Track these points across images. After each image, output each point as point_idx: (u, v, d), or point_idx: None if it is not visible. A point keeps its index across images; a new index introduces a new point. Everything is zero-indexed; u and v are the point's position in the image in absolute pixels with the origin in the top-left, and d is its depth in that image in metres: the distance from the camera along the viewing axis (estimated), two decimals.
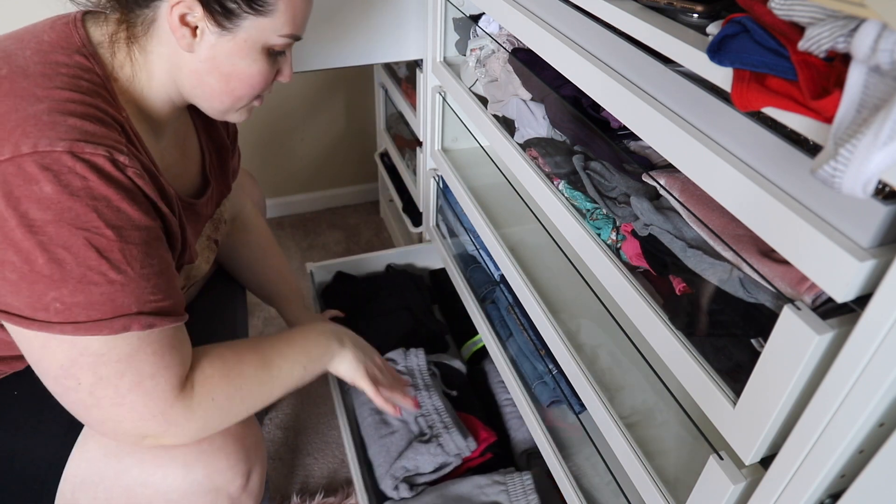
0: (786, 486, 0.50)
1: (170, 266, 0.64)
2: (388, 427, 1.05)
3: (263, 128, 1.76)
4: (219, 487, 0.70)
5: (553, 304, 0.92)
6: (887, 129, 0.32)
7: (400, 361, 1.12)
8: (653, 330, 0.64)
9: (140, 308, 0.59)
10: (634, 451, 0.71)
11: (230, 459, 0.70)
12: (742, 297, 0.57)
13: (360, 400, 1.11)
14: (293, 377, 0.76)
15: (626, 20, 0.60)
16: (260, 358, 0.73)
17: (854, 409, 0.42)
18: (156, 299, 0.61)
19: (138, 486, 0.68)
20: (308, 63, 1.18)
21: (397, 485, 0.98)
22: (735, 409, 0.53)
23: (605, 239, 0.75)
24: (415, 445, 1.01)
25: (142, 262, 0.59)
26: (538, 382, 1.01)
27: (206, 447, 0.69)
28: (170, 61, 0.66)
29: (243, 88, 0.69)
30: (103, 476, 0.68)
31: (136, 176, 0.60)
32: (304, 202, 1.95)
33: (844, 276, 0.41)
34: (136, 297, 0.59)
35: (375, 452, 1.03)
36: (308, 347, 0.79)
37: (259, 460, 0.75)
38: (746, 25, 0.45)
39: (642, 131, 0.61)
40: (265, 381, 0.73)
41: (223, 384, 0.68)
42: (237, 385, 0.70)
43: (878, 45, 0.34)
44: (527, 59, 0.93)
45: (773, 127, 0.47)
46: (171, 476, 0.68)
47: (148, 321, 0.60)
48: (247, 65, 0.67)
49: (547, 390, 0.99)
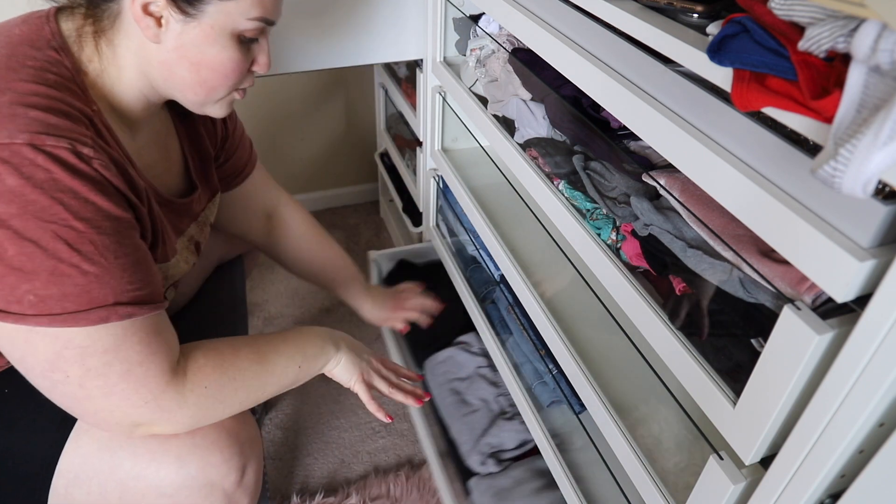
0: (786, 486, 0.50)
1: (146, 255, 0.64)
2: (469, 406, 1.08)
3: (264, 128, 1.76)
4: (213, 482, 0.70)
5: (553, 305, 0.92)
6: (887, 129, 0.32)
7: (475, 344, 1.12)
8: (653, 330, 0.64)
9: (117, 298, 0.59)
10: (634, 451, 0.71)
11: (224, 454, 0.70)
12: (742, 297, 0.57)
13: (436, 381, 1.12)
14: (288, 375, 0.76)
15: (626, 20, 0.60)
16: (255, 352, 0.73)
17: (854, 410, 0.42)
18: (133, 288, 0.60)
19: (132, 480, 0.68)
20: (308, 63, 1.18)
21: (484, 460, 1.02)
22: (735, 409, 0.53)
23: (605, 239, 0.75)
24: (499, 423, 1.04)
25: (115, 253, 0.59)
26: (538, 382, 1.01)
27: (199, 441, 0.69)
28: (138, 55, 0.65)
29: (216, 78, 0.68)
30: (97, 470, 0.68)
31: (103, 167, 0.59)
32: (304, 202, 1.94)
33: (844, 276, 0.41)
34: (113, 287, 0.59)
35: (458, 430, 1.06)
36: (304, 347, 0.79)
37: (254, 456, 0.75)
38: (746, 25, 0.45)
39: (642, 131, 0.61)
40: (260, 374, 0.72)
41: (217, 374, 0.68)
42: (231, 376, 0.69)
43: (878, 45, 0.34)
44: (527, 59, 0.93)
45: (773, 127, 0.47)
46: (164, 469, 0.68)
47: (127, 311, 0.60)
48: (216, 52, 0.65)
49: (547, 390, 1.00)
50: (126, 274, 0.60)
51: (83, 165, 0.57)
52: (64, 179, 0.56)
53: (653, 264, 0.69)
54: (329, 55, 1.19)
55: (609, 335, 0.86)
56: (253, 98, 1.68)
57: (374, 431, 1.31)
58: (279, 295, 1.65)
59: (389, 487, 1.19)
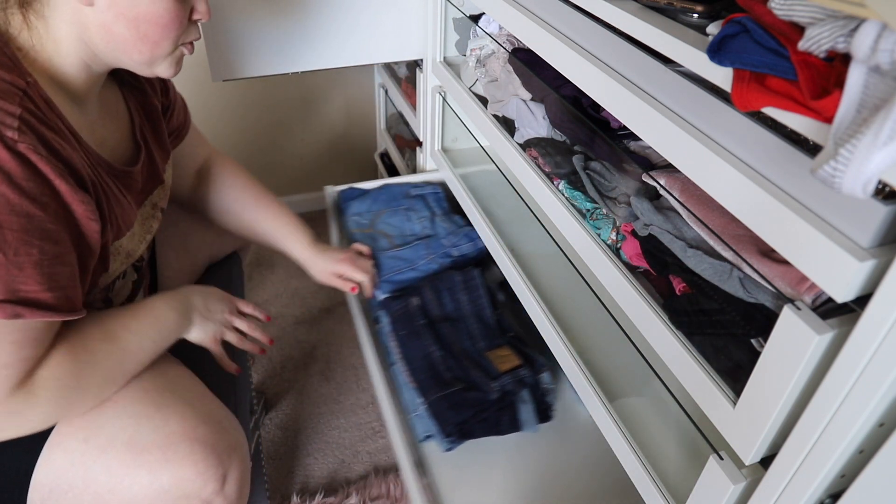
0: (786, 486, 0.50)
1: (59, 258, 0.61)
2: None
3: (264, 128, 1.76)
4: (189, 494, 0.69)
5: (553, 305, 0.92)
6: (887, 129, 0.32)
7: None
8: (653, 330, 0.64)
9: (6, 296, 0.57)
10: (634, 451, 0.71)
11: (198, 466, 0.69)
12: (742, 297, 0.57)
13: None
14: (144, 349, 0.73)
15: (626, 20, 0.60)
16: (104, 332, 0.70)
17: (854, 410, 0.42)
18: (29, 290, 0.58)
19: (107, 494, 0.67)
20: (308, 63, 1.18)
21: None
22: (735, 409, 0.53)
23: (605, 239, 0.75)
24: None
25: (16, 250, 0.57)
26: (414, 415, 0.99)
27: (170, 455, 0.68)
28: (73, 23, 0.64)
29: (156, 32, 0.66)
30: (72, 484, 0.67)
31: (28, 150, 0.57)
32: (304, 202, 1.95)
33: (844, 276, 0.41)
34: (4, 283, 0.57)
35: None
36: (156, 323, 0.76)
37: (235, 463, 0.73)
38: (746, 25, 0.45)
39: (642, 131, 0.61)
40: (113, 353, 0.70)
41: (67, 363, 0.65)
42: (84, 360, 0.67)
43: (878, 45, 0.34)
44: (527, 59, 0.93)
45: (773, 127, 0.47)
46: (137, 484, 0.67)
47: (14, 310, 0.58)
48: (150, 4, 0.64)
49: (422, 422, 0.97)
50: (23, 273, 0.58)
51: (3, 152, 0.55)
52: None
53: (653, 264, 0.69)
54: (329, 55, 1.19)
55: (609, 335, 0.86)
56: (253, 98, 1.68)
57: (374, 431, 1.31)
58: (279, 295, 1.65)
59: (389, 487, 1.19)
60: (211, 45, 1.10)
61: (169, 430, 0.69)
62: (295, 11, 1.11)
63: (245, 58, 1.14)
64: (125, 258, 0.77)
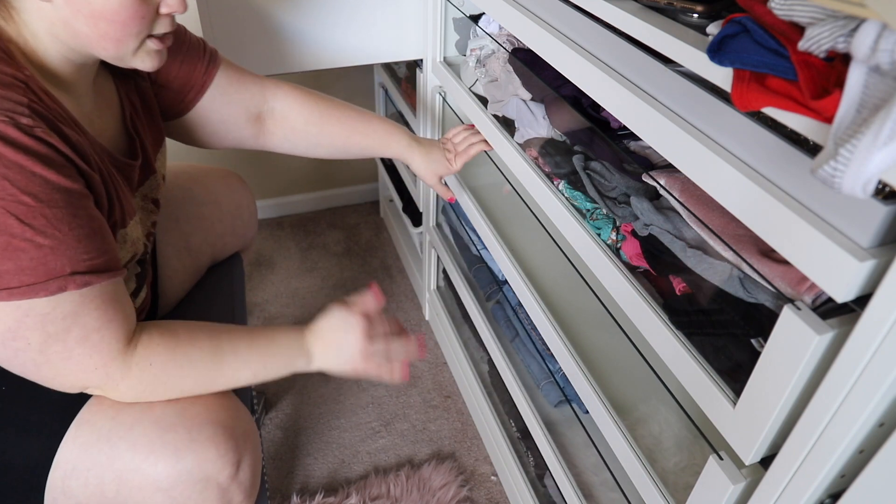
0: (786, 486, 0.50)
1: (101, 224, 0.64)
2: None
3: None
4: (208, 476, 0.70)
5: (554, 305, 0.92)
6: (887, 129, 0.32)
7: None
8: (653, 330, 0.64)
9: (74, 268, 0.60)
10: (634, 451, 0.71)
11: (220, 448, 0.70)
12: (742, 297, 0.57)
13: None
14: (238, 379, 0.74)
15: (626, 20, 0.60)
16: (213, 346, 0.72)
17: (854, 409, 0.42)
18: (89, 258, 0.61)
19: (129, 472, 0.69)
20: (308, 63, 1.18)
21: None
22: (735, 409, 0.53)
23: (605, 239, 0.75)
24: None
25: (69, 224, 0.59)
26: (546, 382, 1.02)
27: (195, 435, 0.70)
28: (41, 18, 0.63)
29: (115, 29, 0.63)
30: (95, 461, 0.68)
31: (46, 135, 0.58)
32: (304, 202, 1.95)
33: (844, 276, 0.41)
34: (69, 257, 0.60)
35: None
36: (267, 359, 0.76)
37: (249, 450, 0.75)
38: (746, 25, 0.45)
39: (642, 131, 0.61)
40: (209, 370, 0.72)
41: (165, 356, 0.69)
42: (178, 363, 0.70)
43: (878, 45, 0.34)
44: (527, 59, 0.93)
45: (773, 127, 0.47)
46: (161, 463, 0.68)
47: (84, 279, 0.61)
48: (104, 1, 0.62)
49: (555, 389, 1.00)
50: (81, 244, 0.60)
51: (25, 138, 0.56)
52: (7, 155, 0.55)
53: (653, 264, 0.69)
54: (329, 55, 1.19)
55: (609, 335, 0.86)
56: None
57: (374, 431, 1.31)
58: (279, 295, 1.65)
59: (389, 487, 1.19)
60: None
61: (194, 412, 0.71)
62: (295, 12, 1.11)
63: (245, 58, 1.13)
64: (130, 247, 0.77)
